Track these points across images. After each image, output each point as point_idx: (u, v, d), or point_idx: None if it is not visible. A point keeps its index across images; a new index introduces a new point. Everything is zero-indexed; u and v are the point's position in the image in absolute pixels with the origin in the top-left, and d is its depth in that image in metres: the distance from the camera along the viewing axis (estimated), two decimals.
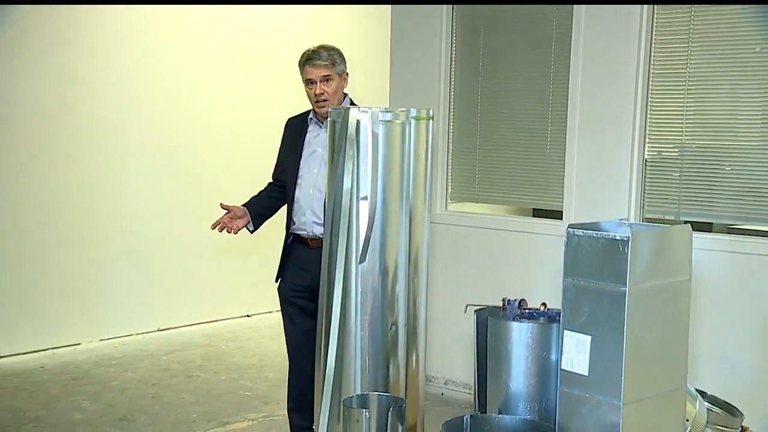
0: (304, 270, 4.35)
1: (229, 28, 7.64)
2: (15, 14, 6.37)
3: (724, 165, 4.99)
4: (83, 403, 5.55)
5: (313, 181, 4.32)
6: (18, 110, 6.46)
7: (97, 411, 5.41)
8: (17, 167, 6.48)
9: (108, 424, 5.18)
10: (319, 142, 4.34)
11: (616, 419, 2.89)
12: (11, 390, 5.76)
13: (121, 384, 5.96)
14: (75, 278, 6.79)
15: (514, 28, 5.70)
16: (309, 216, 4.31)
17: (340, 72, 4.33)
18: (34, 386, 5.86)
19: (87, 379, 6.04)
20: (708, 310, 4.82)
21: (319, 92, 4.24)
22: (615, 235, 2.90)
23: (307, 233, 4.34)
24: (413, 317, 3.75)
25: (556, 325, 3.35)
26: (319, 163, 4.32)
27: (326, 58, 4.26)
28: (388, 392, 3.60)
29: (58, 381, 5.99)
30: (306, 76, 4.28)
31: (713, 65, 4.99)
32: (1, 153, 6.39)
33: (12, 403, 5.52)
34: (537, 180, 5.66)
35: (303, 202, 4.33)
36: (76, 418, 5.29)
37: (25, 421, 5.19)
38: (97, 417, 5.30)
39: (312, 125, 4.41)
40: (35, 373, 6.14)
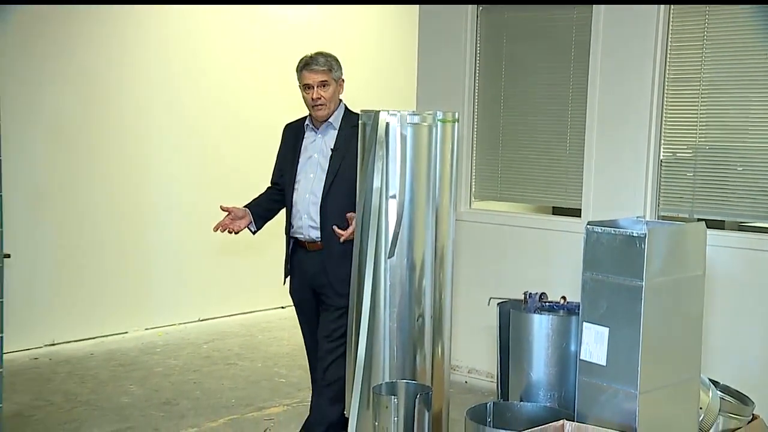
0: (303, 272, 4.28)
1: (261, 28, 7.61)
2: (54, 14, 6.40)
3: (735, 165, 4.94)
4: (130, 388, 5.59)
5: (309, 186, 4.20)
6: (66, 114, 6.50)
7: (142, 395, 5.45)
8: (71, 170, 6.52)
9: (153, 407, 5.21)
10: (315, 147, 4.24)
11: (632, 407, 2.87)
12: (64, 375, 5.81)
13: (165, 370, 5.99)
14: (122, 273, 6.83)
15: (535, 35, 5.67)
16: (305, 220, 4.19)
17: (336, 78, 4.20)
18: (84, 372, 5.90)
19: (133, 366, 6.08)
20: (720, 304, 4.76)
21: (316, 97, 4.12)
22: (632, 231, 2.88)
23: (304, 237, 4.22)
24: (439, 309, 3.74)
25: (575, 317, 3.33)
26: (315, 168, 4.21)
27: (323, 64, 4.14)
28: (415, 380, 3.59)
29: (106, 367, 6.03)
30: (303, 81, 4.17)
31: (726, 70, 4.95)
32: (56, 156, 6.43)
33: (65, 387, 5.56)
34: (557, 180, 5.63)
35: (300, 206, 4.21)
36: (123, 401, 5.32)
37: (77, 404, 5.23)
38: (143, 401, 5.33)
39: (308, 131, 4.29)
40: (86, 360, 6.18)
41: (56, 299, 6.50)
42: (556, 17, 5.56)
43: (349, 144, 4.06)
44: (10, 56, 6.06)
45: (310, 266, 4.21)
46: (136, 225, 6.89)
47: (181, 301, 7.24)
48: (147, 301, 6.99)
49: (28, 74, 6.19)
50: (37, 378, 5.73)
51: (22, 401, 5.23)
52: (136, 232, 6.89)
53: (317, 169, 4.18)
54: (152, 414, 5.10)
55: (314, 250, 4.19)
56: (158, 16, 7.01)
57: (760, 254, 4.83)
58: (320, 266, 4.16)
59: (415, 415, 3.21)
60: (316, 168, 4.19)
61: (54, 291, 6.49)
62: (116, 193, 6.79)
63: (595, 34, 5.30)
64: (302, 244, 4.24)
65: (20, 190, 6.01)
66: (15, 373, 5.62)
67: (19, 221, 5.97)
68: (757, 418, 3.94)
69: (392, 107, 4.03)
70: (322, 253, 4.14)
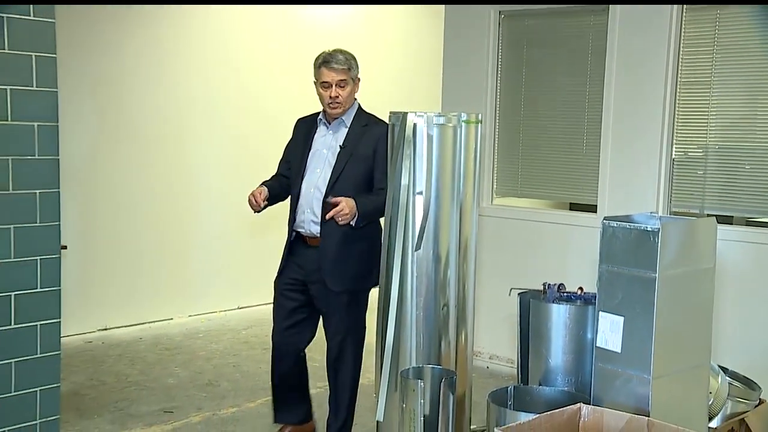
0: (299, 267, 4.07)
1: (290, 29, 7.55)
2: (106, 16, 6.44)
3: (744, 164, 4.91)
4: (175, 370, 5.62)
5: (315, 181, 3.99)
6: (113, 114, 6.53)
7: (187, 377, 5.48)
8: (120, 169, 6.57)
9: (196, 388, 5.24)
10: (325, 143, 4.05)
11: (645, 392, 2.85)
12: (115, 357, 5.86)
13: (207, 354, 6.02)
14: (168, 264, 6.87)
15: (554, 41, 5.64)
16: (308, 214, 3.99)
17: (354, 77, 3.98)
18: (134, 355, 5.95)
19: (178, 350, 6.12)
20: (729, 295, 4.73)
21: (335, 95, 3.92)
22: (646, 226, 2.85)
23: (305, 231, 4.02)
24: (462, 299, 3.73)
25: (591, 307, 3.32)
26: (322, 164, 4.01)
27: (344, 63, 3.92)
28: (440, 365, 3.59)
29: (153, 350, 6.07)
30: (322, 78, 3.94)
31: (735, 74, 4.91)
32: (106, 155, 6.48)
33: (116, 368, 5.61)
34: (574, 177, 5.60)
35: (303, 200, 4.00)
36: (169, 382, 5.36)
37: (127, 384, 5.27)
38: (187, 382, 5.37)
39: (321, 126, 4.09)
40: (135, 344, 6.23)
41: (108, 288, 6.55)
42: (574, 24, 5.53)
43: (357, 143, 3.96)
44: (62, 56, 6.09)
45: (308, 261, 4.04)
46: (180, 221, 6.93)
47: (221, 290, 7.27)
48: (190, 290, 7.03)
49: (80, 75, 6.23)
50: (91, 360, 5.78)
51: (78, 381, 5.28)
52: (180, 227, 6.93)
53: (324, 164, 4.00)
54: (195, 394, 5.13)
55: (314, 246, 4.01)
56: (198, 17, 7.00)
57: (766, 248, 4.79)
58: (316, 261, 4.00)
59: (440, 398, 3.20)
60: (324, 163, 4.01)
61: (106, 280, 6.55)
62: (161, 190, 6.83)
63: (610, 40, 5.27)
64: (303, 239, 4.06)
65: (75, 187, 6.05)
66: (71, 355, 5.68)
67: (74, 216, 6.03)
68: (763, 403, 3.92)
69: (418, 106, 4.02)
70: (319, 248, 3.99)
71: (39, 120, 3.73)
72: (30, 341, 3.78)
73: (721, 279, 3.84)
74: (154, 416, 4.72)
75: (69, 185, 4.93)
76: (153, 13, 6.65)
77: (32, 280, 3.77)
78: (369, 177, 3.96)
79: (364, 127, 3.94)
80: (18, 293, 3.73)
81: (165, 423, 4.62)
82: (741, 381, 3.90)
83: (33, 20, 3.65)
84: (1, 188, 3.65)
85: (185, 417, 4.73)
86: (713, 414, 3.62)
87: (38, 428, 3.85)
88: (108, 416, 4.70)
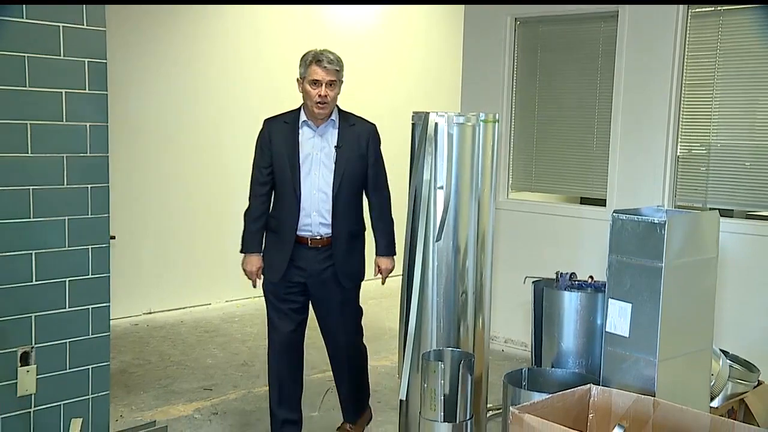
0: (301, 269, 3.76)
1: (315, 29, 7.47)
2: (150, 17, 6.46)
3: (744, 161, 4.86)
4: (213, 351, 5.65)
5: (316, 183, 3.69)
6: (156, 114, 6.57)
7: (224, 357, 5.51)
8: (163, 165, 6.61)
9: (233, 368, 5.27)
10: (315, 145, 3.72)
11: (651, 374, 2.84)
12: (159, 339, 5.90)
13: (242, 337, 6.04)
14: (207, 253, 6.89)
15: (566, 45, 5.60)
16: (315, 218, 3.70)
17: (341, 79, 3.70)
18: (176, 336, 5.99)
19: (216, 332, 6.15)
20: (730, 283, 4.69)
21: (324, 94, 3.60)
22: (653, 219, 2.84)
23: (312, 234, 3.71)
24: (480, 286, 3.72)
25: (601, 294, 3.31)
26: (318, 166, 3.70)
27: (336, 63, 3.64)
28: (459, 348, 3.59)
29: (194, 333, 6.11)
30: (312, 76, 3.61)
31: (736, 77, 4.86)
32: (150, 152, 6.52)
33: (160, 348, 5.65)
34: (584, 173, 5.57)
35: (307, 204, 3.69)
36: (208, 362, 5.39)
37: (170, 364, 5.31)
38: (224, 362, 5.39)
39: (305, 128, 3.73)
40: (177, 326, 6.27)
41: (153, 275, 6.60)
42: (585, 30, 5.50)
43: (350, 142, 3.72)
44: (112, 59, 6.12)
45: (312, 262, 3.74)
46: (218, 215, 6.94)
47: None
48: (227, 278, 7.03)
49: (125, 78, 6.26)
50: (137, 341, 5.83)
51: (125, 360, 5.33)
52: (218, 221, 6.95)
53: (320, 166, 3.70)
54: (232, 374, 5.16)
55: (317, 247, 3.73)
56: (230, 17, 6.95)
57: (766, 240, 4.75)
58: (326, 261, 3.74)
59: (459, 379, 3.20)
60: (319, 166, 3.70)
61: (151, 268, 6.59)
62: (200, 186, 6.85)
63: (619, 44, 5.23)
64: (303, 241, 3.73)
65: (123, 181, 6.09)
66: (119, 336, 5.73)
67: (122, 208, 6.06)
68: (762, 384, 3.90)
69: (439, 105, 4.00)
70: (329, 249, 3.73)
71: (90, 120, 3.76)
72: (82, 323, 3.82)
73: (722, 268, 3.81)
74: (195, 393, 4.75)
75: (117, 181, 4.96)
76: (192, 17, 6.68)
77: (84, 267, 3.81)
78: (365, 175, 3.79)
79: (351, 127, 3.74)
80: (71, 279, 3.77)
81: (205, 399, 4.65)
82: (741, 364, 3.87)
83: (86, 29, 3.68)
84: (57, 183, 3.69)
85: (223, 394, 4.76)
86: (714, 394, 3.60)
87: (90, 403, 3.89)
88: (153, 392, 4.74)
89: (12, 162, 3.56)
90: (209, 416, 4.40)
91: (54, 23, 3.60)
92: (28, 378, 3.67)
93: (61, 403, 3.79)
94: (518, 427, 2.45)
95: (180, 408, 4.51)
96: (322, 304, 3.89)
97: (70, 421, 3.82)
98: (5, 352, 3.60)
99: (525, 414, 2.45)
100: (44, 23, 3.58)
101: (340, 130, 3.72)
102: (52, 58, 3.61)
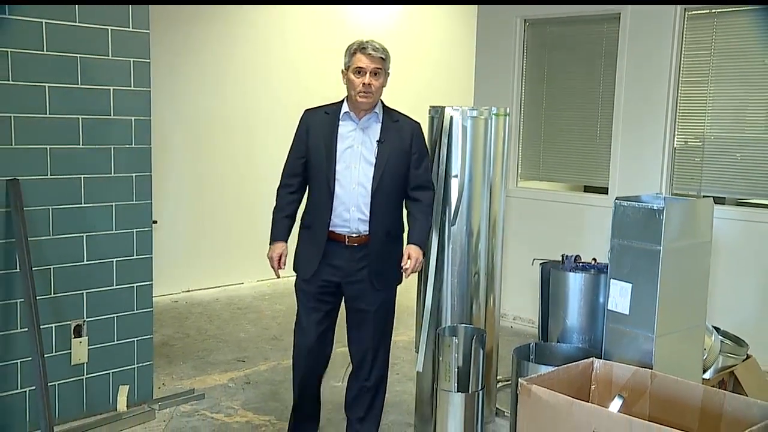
0: (335, 267, 3.24)
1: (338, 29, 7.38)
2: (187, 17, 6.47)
3: (735, 152, 4.83)
4: (246, 326, 5.67)
5: (356, 178, 3.18)
6: (191, 107, 6.58)
7: (255, 332, 5.52)
8: (200, 156, 6.62)
9: (263, 342, 5.29)
10: (356, 138, 3.22)
11: (649, 348, 2.84)
12: (197, 315, 5.93)
13: (272, 313, 6.05)
14: (240, 236, 6.88)
15: (572, 45, 5.57)
16: (353, 213, 3.18)
17: (387, 69, 3.21)
18: (212, 313, 6.00)
19: (248, 309, 6.16)
20: (723, 265, 4.69)
21: (368, 83, 3.11)
22: (652, 205, 2.83)
23: (350, 230, 3.20)
24: (491, 267, 3.73)
25: (603, 275, 3.30)
26: (357, 160, 3.19)
27: (381, 51, 3.15)
28: (472, 324, 3.60)
29: (228, 310, 6.12)
30: (357, 63, 3.13)
31: (729, 74, 4.83)
32: (188, 144, 6.54)
33: (197, 324, 5.67)
34: (588, 163, 5.54)
35: (345, 198, 3.18)
36: (241, 336, 5.41)
37: (206, 338, 5.33)
38: (256, 336, 5.41)
39: (347, 121, 3.24)
40: (212, 304, 6.28)
41: (191, 257, 6.62)
42: (589, 30, 5.46)
43: (393, 138, 3.23)
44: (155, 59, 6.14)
45: (348, 261, 3.23)
46: (250, 201, 6.93)
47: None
48: (258, 259, 6.93)
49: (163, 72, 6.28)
50: (177, 316, 5.85)
51: (167, 333, 5.36)
52: (250, 206, 6.94)
53: (360, 160, 3.20)
54: (263, 347, 5.17)
55: (354, 245, 3.22)
56: (260, 17, 6.91)
57: (755, 225, 4.74)
58: (362, 260, 3.23)
59: (472, 353, 3.21)
60: (359, 159, 3.20)
61: (190, 250, 6.61)
62: (234, 176, 6.84)
63: (621, 44, 5.21)
64: (339, 238, 3.22)
65: (164, 170, 6.12)
66: (160, 312, 5.75)
67: (163, 195, 6.10)
68: (750, 357, 3.89)
69: (453, 100, 3.97)
70: (366, 247, 3.22)
71: (135, 115, 3.81)
72: (128, 300, 3.88)
73: (715, 252, 3.80)
74: (229, 364, 4.78)
75: (159, 170, 4.99)
76: (225, 19, 6.69)
77: (129, 249, 3.86)
78: (407, 174, 3.27)
79: (395, 123, 3.25)
80: (118, 260, 3.83)
81: (238, 370, 4.68)
82: (731, 339, 3.86)
83: (131, 31, 3.72)
84: (105, 172, 3.74)
85: (254, 365, 4.78)
86: (707, 367, 3.60)
87: (136, 372, 3.96)
88: (191, 363, 4.77)
89: (66, 153, 3.61)
90: (242, 385, 4.43)
91: (103, 26, 3.64)
92: (81, 348, 3.74)
93: (110, 371, 3.86)
94: (526, 397, 2.46)
95: (216, 377, 4.54)
96: (354, 309, 3.37)
97: (118, 388, 3.90)
98: (61, 325, 3.67)
99: (532, 385, 2.47)
100: (94, 26, 3.62)
101: (383, 125, 3.23)
102: (101, 58, 3.65)
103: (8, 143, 3.44)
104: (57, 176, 3.59)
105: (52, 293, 3.61)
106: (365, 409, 3.44)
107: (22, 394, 3.58)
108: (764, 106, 4.74)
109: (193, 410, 4.02)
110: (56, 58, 3.52)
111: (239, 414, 4.01)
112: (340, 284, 3.29)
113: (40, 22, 3.46)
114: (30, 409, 3.60)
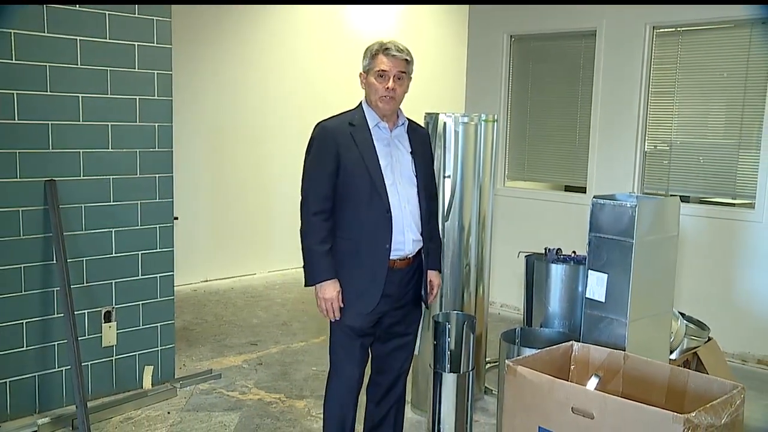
0: (388, 297, 2.65)
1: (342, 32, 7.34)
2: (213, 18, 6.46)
3: (699, 156, 4.85)
4: (258, 313, 5.67)
5: (404, 195, 2.63)
6: (209, 112, 6.58)
7: (267, 318, 5.52)
8: (218, 155, 6.61)
9: (274, 327, 5.29)
10: (392, 151, 2.65)
11: (623, 332, 2.85)
12: (214, 302, 5.93)
13: (283, 301, 6.05)
14: (254, 230, 6.89)
15: (554, 59, 5.58)
16: (408, 235, 2.63)
17: (410, 73, 2.65)
18: (227, 300, 6.00)
19: (260, 297, 6.16)
20: (688, 257, 4.71)
21: (392, 87, 2.57)
22: (626, 203, 2.84)
23: (404, 253, 2.64)
24: (481, 260, 3.74)
25: (582, 266, 3.31)
26: (401, 175, 2.64)
27: (406, 53, 2.61)
28: (463, 311, 3.61)
29: (242, 298, 6.12)
30: (379, 66, 2.57)
31: (693, 86, 4.86)
32: (207, 145, 6.54)
33: (215, 310, 5.68)
34: (568, 165, 5.55)
35: (399, 219, 2.60)
36: (253, 321, 5.41)
37: (223, 323, 5.34)
38: (267, 322, 5.42)
39: (379, 130, 2.65)
40: (228, 292, 6.29)
41: (208, 250, 6.61)
42: (569, 46, 5.47)
43: (419, 147, 2.75)
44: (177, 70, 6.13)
45: (398, 285, 2.67)
46: (263, 198, 6.95)
47: (293, 252, 7.02)
48: (270, 251, 7.06)
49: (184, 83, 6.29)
50: (196, 304, 5.85)
51: (187, 319, 5.37)
52: (263, 203, 6.96)
53: (402, 175, 2.65)
54: (274, 331, 5.18)
55: (401, 268, 2.66)
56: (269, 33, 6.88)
57: (716, 221, 4.76)
58: (408, 283, 2.72)
59: (463, 337, 3.21)
60: (401, 175, 2.65)
61: (208, 244, 6.61)
62: (247, 176, 6.84)
63: (597, 58, 5.22)
64: (390, 264, 2.62)
65: (184, 171, 6.10)
66: (181, 299, 5.74)
67: (184, 192, 6.07)
68: (711, 340, 3.90)
69: (445, 107, 3.95)
70: (410, 267, 2.70)
71: (158, 121, 3.82)
72: (152, 288, 3.90)
73: (681, 244, 3.82)
74: (243, 347, 4.79)
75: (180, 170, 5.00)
76: (240, 33, 6.69)
77: (153, 242, 3.87)
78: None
79: (415, 131, 2.77)
80: (143, 252, 3.84)
81: (251, 352, 4.69)
82: (694, 323, 3.87)
83: (156, 46, 3.73)
84: (131, 173, 3.76)
85: (266, 348, 4.79)
86: (673, 348, 3.61)
87: (159, 353, 3.97)
88: (209, 346, 4.78)
89: (97, 156, 3.63)
90: (255, 366, 4.44)
91: (130, 42, 3.65)
92: (110, 332, 3.76)
93: (136, 353, 3.88)
94: (512, 376, 2.47)
95: (231, 359, 4.55)
96: (392, 335, 2.79)
97: (143, 368, 3.91)
98: (92, 311, 3.69)
99: (518, 366, 2.48)
100: (122, 42, 3.63)
101: (408, 134, 2.73)
102: (129, 70, 3.67)
103: (46, 147, 3.46)
104: (89, 177, 3.61)
105: (84, 282, 3.63)
106: (392, 426, 2.93)
107: (59, 372, 3.60)
108: (724, 115, 4.77)
109: (211, 388, 4.03)
110: (89, 71, 3.54)
111: (252, 392, 4.02)
112: (386, 312, 2.69)
113: (74, 39, 3.47)
114: (66, 386, 3.62)
